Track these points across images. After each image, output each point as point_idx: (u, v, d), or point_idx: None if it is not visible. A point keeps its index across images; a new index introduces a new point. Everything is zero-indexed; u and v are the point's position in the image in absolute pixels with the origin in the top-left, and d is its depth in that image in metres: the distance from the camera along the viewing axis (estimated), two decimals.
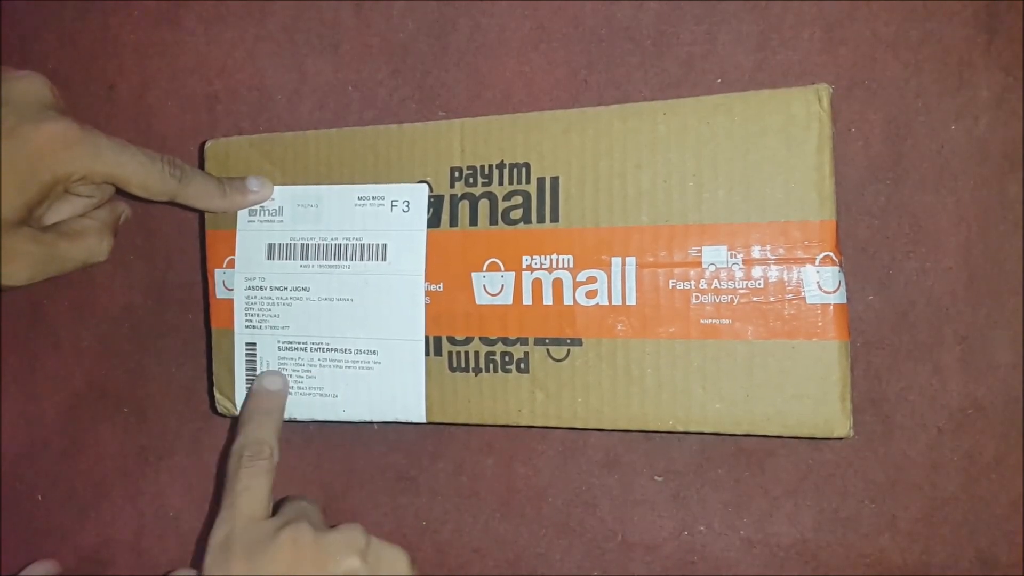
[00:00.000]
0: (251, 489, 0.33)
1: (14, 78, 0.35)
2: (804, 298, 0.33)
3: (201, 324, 0.45)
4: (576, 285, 0.36)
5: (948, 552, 0.36)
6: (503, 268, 0.37)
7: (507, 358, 0.37)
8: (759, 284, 0.34)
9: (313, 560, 0.31)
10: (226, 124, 0.45)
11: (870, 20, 0.37)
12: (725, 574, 0.38)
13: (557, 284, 0.36)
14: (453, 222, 0.38)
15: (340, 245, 0.39)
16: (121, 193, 0.37)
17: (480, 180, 0.37)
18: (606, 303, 0.35)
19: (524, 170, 0.36)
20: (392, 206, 0.38)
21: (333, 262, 0.39)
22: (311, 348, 0.39)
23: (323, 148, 0.39)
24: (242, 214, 0.40)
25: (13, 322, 0.49)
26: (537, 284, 0.36)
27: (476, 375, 0.37)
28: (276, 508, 0.35)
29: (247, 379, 0.40)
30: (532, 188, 0.36)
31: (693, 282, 0.34)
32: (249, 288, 0.40)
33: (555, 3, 0.40)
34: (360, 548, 0.32)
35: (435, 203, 0.38)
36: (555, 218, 0.36)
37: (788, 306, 0.33)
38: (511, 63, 0.41)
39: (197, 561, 0.35)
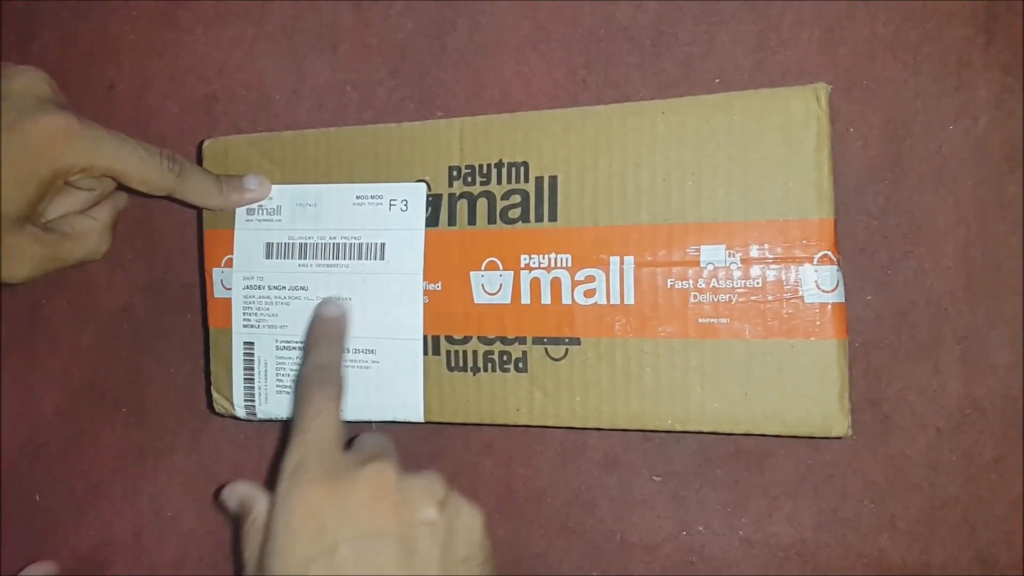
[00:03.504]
0: (323, 414, 0.32)
1: (12, 73, 0.35)
2: (802, 297, 0.33)
3: (200, 324, 0.45)
4: (574, 284, 0.36)
5: (947, 552, 0.36)
6: (501, 267, 0.37)
7: (505, 357, 0.37)
8: (757, 283, 0.34)
9: (393, 502, 0.29)
10: (225, 124, 0.45)
11: (869, 20, 0.37)
12: (724, 574, 0.38)
13: (555, 283, 0.36)
14: (451, 221, 0.37)
15: (338, 244, 0.39)
16: (120, 187, 0.38)
17: (478, 179, 0.37)
18: (604, 302, 0.35)
19: (522, 169, 0.36)
20: (390, 205, 0.38)
21: (331, 261, 0.39)
22: None
23: (322, 147, 0.39)
24: (240, 213, 0.40)
25: (12, 322, 0.49)
26: (535, 283, 0.36)
27: (474, 374, 0.37)
28: (349, 444, 0.34)
29: (245, 378, 0.40)
30: (530, 187, 0.36)
31: (691, 281, 0.34)
32: (247, 287, 0.40)
33: (554, 3, 0.40)
34: (440, 498, 0.30)
35: (433, 202, 0.38)
36: (553, 217, 0.36)
37: (786, 305, 0.33)
38: (510, 63, 0.41)
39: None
